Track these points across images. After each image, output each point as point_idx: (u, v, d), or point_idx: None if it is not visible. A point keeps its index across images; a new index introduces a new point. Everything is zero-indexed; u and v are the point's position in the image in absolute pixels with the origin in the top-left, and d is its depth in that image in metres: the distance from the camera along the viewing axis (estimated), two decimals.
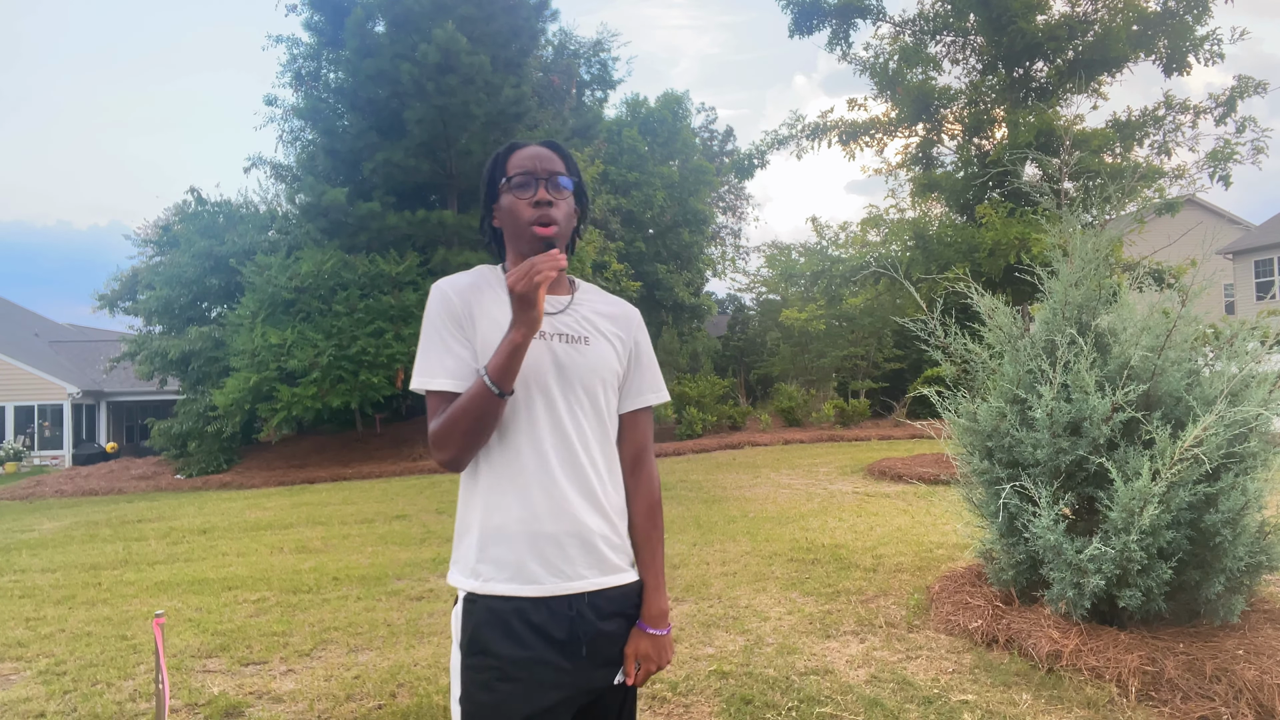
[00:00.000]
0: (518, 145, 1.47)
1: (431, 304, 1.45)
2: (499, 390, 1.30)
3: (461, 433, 1.33)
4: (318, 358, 14.69)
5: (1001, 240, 10.36)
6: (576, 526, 1.39)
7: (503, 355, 1.29)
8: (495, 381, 1.29)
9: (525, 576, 1.37)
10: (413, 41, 15.10)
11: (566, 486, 1.39)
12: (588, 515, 1.41)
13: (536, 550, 1.37)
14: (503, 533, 1.38)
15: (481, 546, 1.39)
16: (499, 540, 1.38)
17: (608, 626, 1.43)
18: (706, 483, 10.37)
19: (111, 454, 22.94)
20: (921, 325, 4.50)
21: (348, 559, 6.49)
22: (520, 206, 1.41)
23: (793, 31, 12.26)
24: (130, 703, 3.44)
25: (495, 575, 1.38)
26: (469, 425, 1.33)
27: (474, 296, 1.45)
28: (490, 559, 1.38)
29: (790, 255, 22.61)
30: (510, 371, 1.30)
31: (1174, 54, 10.82)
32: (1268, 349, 3.64)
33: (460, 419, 1.32)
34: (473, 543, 1.41)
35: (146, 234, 21.32)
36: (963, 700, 3.09)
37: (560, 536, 1.38)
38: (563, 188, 1.44)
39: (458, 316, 1.42)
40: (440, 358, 1.40)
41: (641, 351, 1.56)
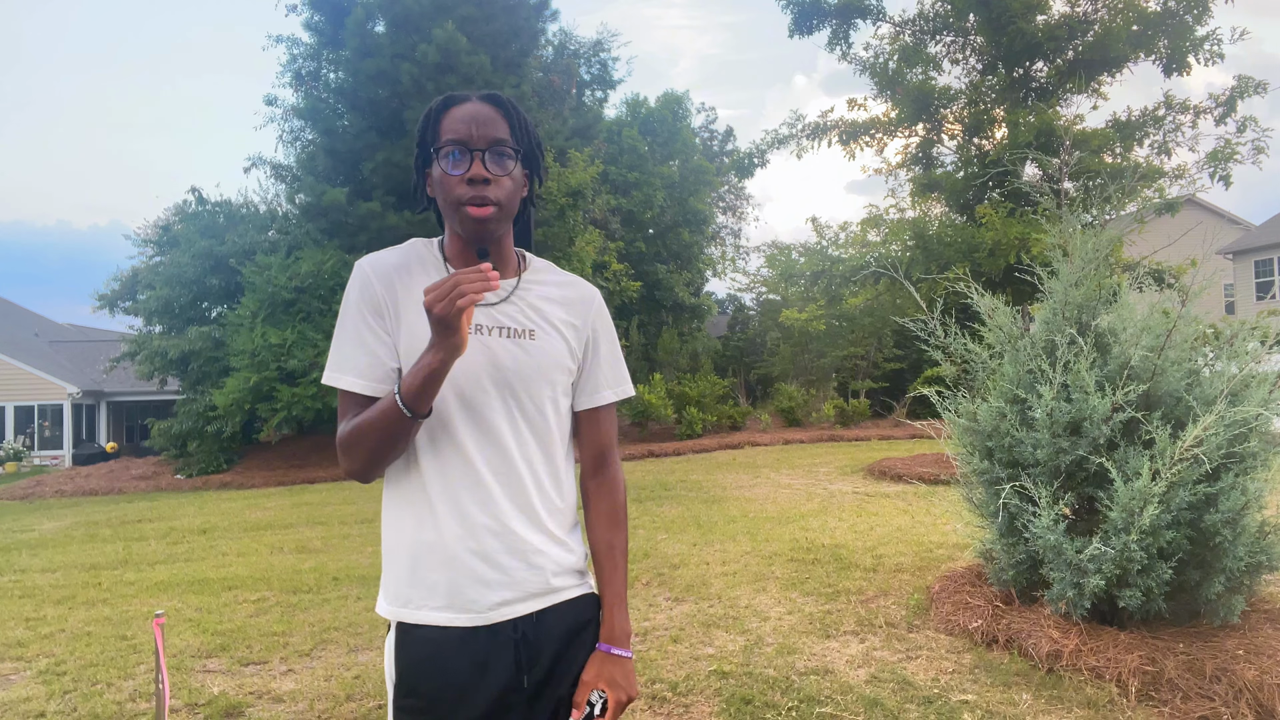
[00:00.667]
0: (454, 100, 1.25)
1: (350, 287, 1.25)
2: (410, 413, 1.13)
3: (367, 449, 1.18)
4: (318, 358, 14.69)
5: (1001, 240, 10.36)
6: (514, 543, 1.24)
7: (418, 378, 1.11)
8: (408, 404, 1.12)
9: (460, 604, 1.21)
10: (413, 41, 15.11)
11: (502, 500, 1.24)
12: (527, 531, 1.25)
13: (471, 571, 1.21)
14: (434, 553, 1.22)
15: (411, 569, 1.23)
16: (429, 562, 1.22)
17: (554, 651, 1.27)
18: (706, 483, 10.37)
19: (111, 454, 22.95)
20: (921, 325, 4.49)
21: (348, 559, 6.49)
22: (452, 184, 1.20)
23: (793, 31, 12.27)
24: (130, 703, 3.44)
25: (427, 601, 1.22)
26: (375, 442, 1.17)
27: (400, 281, 1.25)
28: (421, 583, 1.22)
29: (790, 255, 22.61)
30: (425, 395, 1.12)
31: (1174, 54, 10.82)
32: (1268, 349, 3.64)
33: (367, 433, 1.17)
34: (402, 565, 1.24)
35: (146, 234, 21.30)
36: (963, 700, 3.09)
37: (497, 555, 1.23)
38: (504, 160, 1.22)
39: (378, 305, 1.24)
40: (352, 353, 1.24)
41: (600, 341, 1.38)
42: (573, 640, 1.30)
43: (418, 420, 1.15)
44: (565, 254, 16.68)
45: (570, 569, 1.32)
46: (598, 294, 1.41)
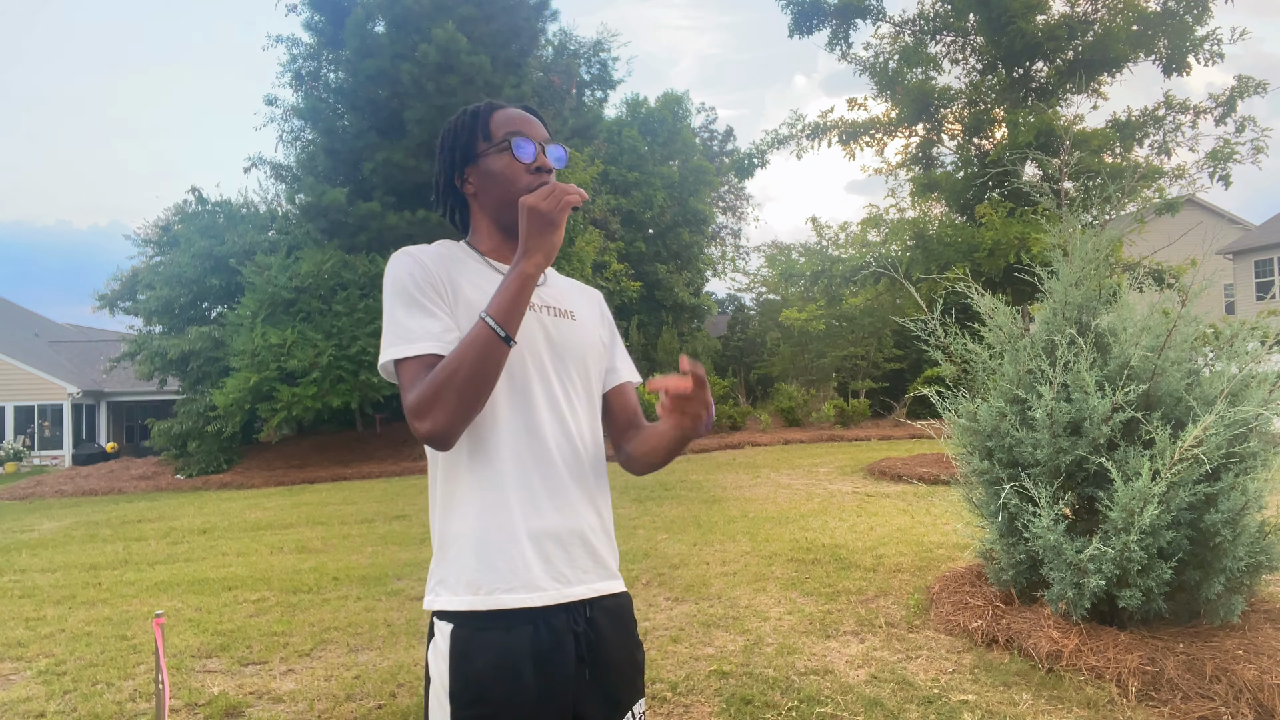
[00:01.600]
0: (498, 105, 1.31)
1: (400, 270, 1.21)
2: (504, 334, 1.09)
3: (458, 388, 1.08)
4: (318, 358, 14.70)
5: (1001, 240, 10.36)
6: (578, 524, 1.24)
7: (510, 291, 1.10)
8: (501, 323, 1.09)
9: (530, 582, 1.18)
10: (413, 41, 15.11)
11: (566, 477, 1.23)
12: (587, 510, 1.26)
13: (541, 551, 1.20)
14: (504, 534, 1.18)
15: (479, 553, 1.18)
16: (498, 543, 1.18)
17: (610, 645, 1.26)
18: (706, 483, 10.37)
19: (111, 454, 22.94)
20: (921, 325, 4.49)
21: (348, 559, 6.49)
22: (517, 172, 1.24)
23: (793, 31, 12.27)
24: (130, 703, 3.44)
25: (497, 584, 1.17)
26: (466, 378, 1.08)
27: (452, 265, 1.26)
28: (489, 566, 1.17)
29: (790, 255, 22.60)
30: (518, 311, 1.10)
31: (1174, 54, 10.83)
32: (1268, 349, 3.64)
33: (456, 372, 1.08)
34: (467, 551, 1.19)
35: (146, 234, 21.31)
36: (963, 700, 3.09)
37: (564, 535, 1.22)
38: (558, 160, 1.29)
39: (435, 282, 1.21)
40: (420, 323, 1.17)
41: (615, 331, 1.46)
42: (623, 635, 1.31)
43: (509, 345, 1.11)
44: (565, 254, 16.69)
45: (615, 556, 1.34)
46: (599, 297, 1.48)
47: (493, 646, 1.15)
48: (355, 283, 15.71)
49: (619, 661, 1.28)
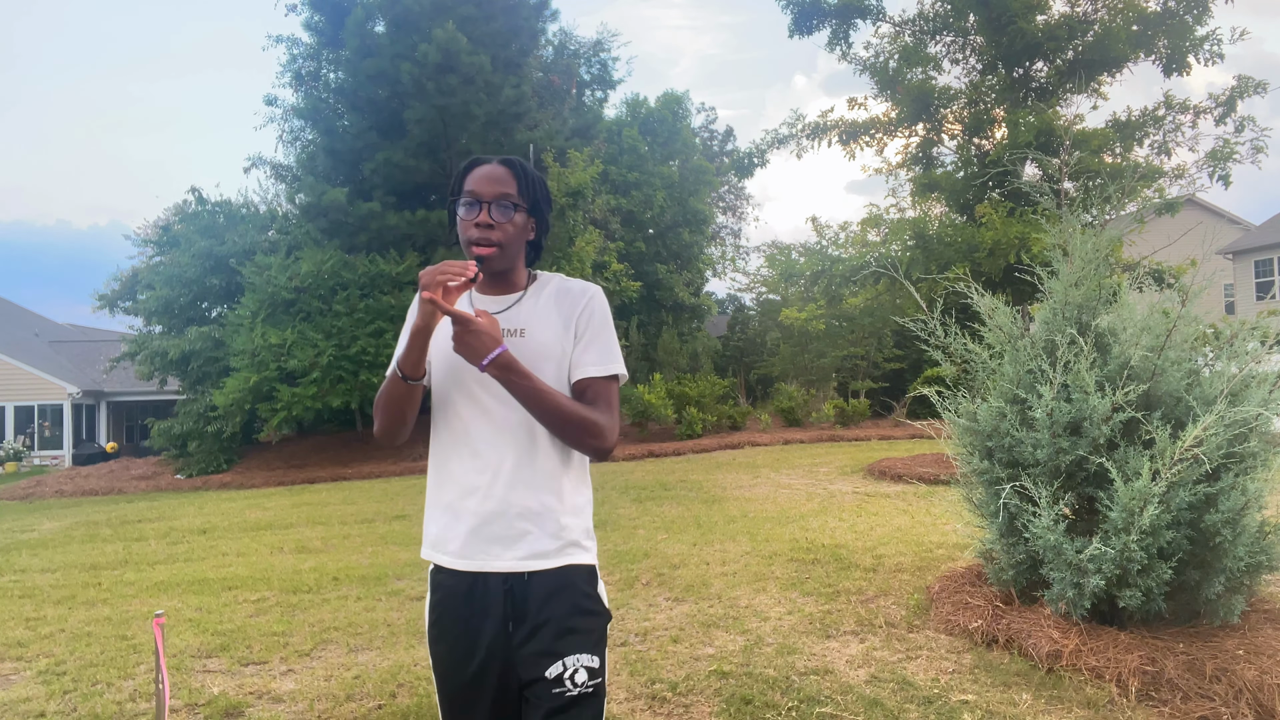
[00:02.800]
0: (476, 163, 1.59)
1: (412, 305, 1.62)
2: (403, 374, 1.48)
3: (380, 410, 1.54)
4: (318, 358, 14.70)
5: (1001, 240, 10.36)
6: (505, 509, 1.50)
7: (404, 342, 1.48)
8: (401, 366, 1.48)
9: (460, 551, 1.52)
10: (413, 41, 15.10)
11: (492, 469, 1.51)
12: (525, 498, 1.51)
13: (470, 527, 1.51)
14: (442, 511, 1.56)
15: (428, 521, 1.59)
16: (436, 518, 1.57)
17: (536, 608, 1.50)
18: (706, 483, 10.37)
19: (111, 454, 22.94)
20: (921, 325, 4.49)
21: (348, 559, 6.49)
22: (465, 227, 1.55)
23: (793, 31, 12.26)
24: (130, 703, 3.44)
25: (439, 548, 1.56)
26: (383, 404, 1.53)
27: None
28: (432, 533, 1.57)
29: (790, 255, 22.58)
30: (411, 358, 1.46)
31: (1174, 54, 10.82)
32: (1268, 349, 3.64)
33: (379, 398, 1.54)
34: (427, 515, 1.60)
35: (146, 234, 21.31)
36: (963, 700, 3.09)
37: (488, 517, 1.50)
38: (506, 210, 1.54)
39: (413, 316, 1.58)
40: (399, 348, 1.56)
41: (587, 327, 1.59)
42: (551, 599, 1.51)
43: (410, 383, 1.48)
44: (565, 254, 16.69)
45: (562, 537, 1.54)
46: (592, 290, 1.63)
47: (446, 589, 1.56)
48: (355, 283, 15.70)
49: (551, 624, 1.49)
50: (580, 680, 1.47)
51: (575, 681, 1.47)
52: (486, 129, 16.28)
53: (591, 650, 1.50)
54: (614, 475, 11.51)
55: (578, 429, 1.48)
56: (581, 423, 1.48)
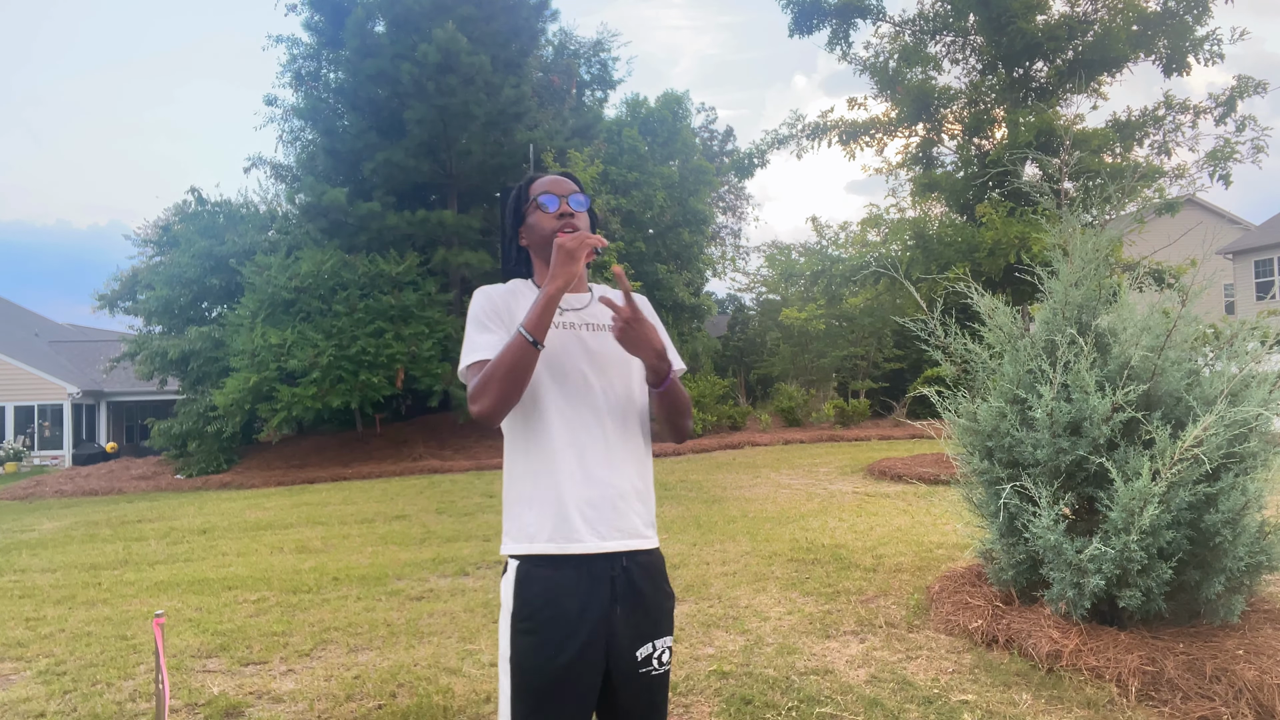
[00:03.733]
0: (537, 176, 1.71)
1: (475, 302, 1.64)
2: (533, 339, 1.44)
3: (498, 380, 1.45)
4: (318, 358, 14.69)
5: (1001, 240, 10.36)
6: (610, 492, 1.55)
7: (537, 307, 1.45)
8: (529, 330, 1.44)
9: (571, 536, 1.51)
10: (413, 41, 15.10)
11: (603, 455, 1.55)
12: (620, 481, 1.56)
13: (578, 511, 1.53)
14: (547, 496, 1.54)
15: (536, 511, 1.55)
16: (533, 505, 1.55)
17: (641, 588, 1.56)
18: (706, 483, 10.37)
19: (111, 454, 22.94)
20: (921, 325, 4.49)
21: (348, 559, 6.49)
22: (545, 220, 1.63)
23: (793, 31, 12.26)
24: (130, 703, 3.44)
25: (548, 536, 1.52)
26: (504, 373, 1.45)
27: (513, 299, 1.64)
28: (541, 521, 1.54)
29: (790, 255, 22.59)
30: (543, 322, 1.45)
31: (1174, 54, 10.82)
32: (1268, 349, 3.64)
33: (496, 368, 1.45)
34: (528, 509, 1.56)
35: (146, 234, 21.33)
36: (963, 700, 3.09)
37: (595, 500, 1.54)
38: (581, 203, 1.67)
39: (499, 310, 1.61)
40: (482, 337, 1.57)
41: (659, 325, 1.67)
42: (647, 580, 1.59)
43: (537, 348, 1.45)
44: None
45: (648, 521, 1.62)
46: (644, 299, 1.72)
47: (544, 579, 1.51)
48: (355, 283, 15.70)
49: (647, 604, 1.57)
50: (665, 660, 1.59)
51: (662, 661, 1.58)
52: (486, 129, 16.28)
53: (671, 630, 1.63)
54: None
55: (686, 410, 1.62)
56: (688, 405, 1.63)
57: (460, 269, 17.24)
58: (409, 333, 15.56)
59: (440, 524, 8.16)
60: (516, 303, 1.64)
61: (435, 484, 12.30)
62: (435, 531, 7.70)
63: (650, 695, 1.57)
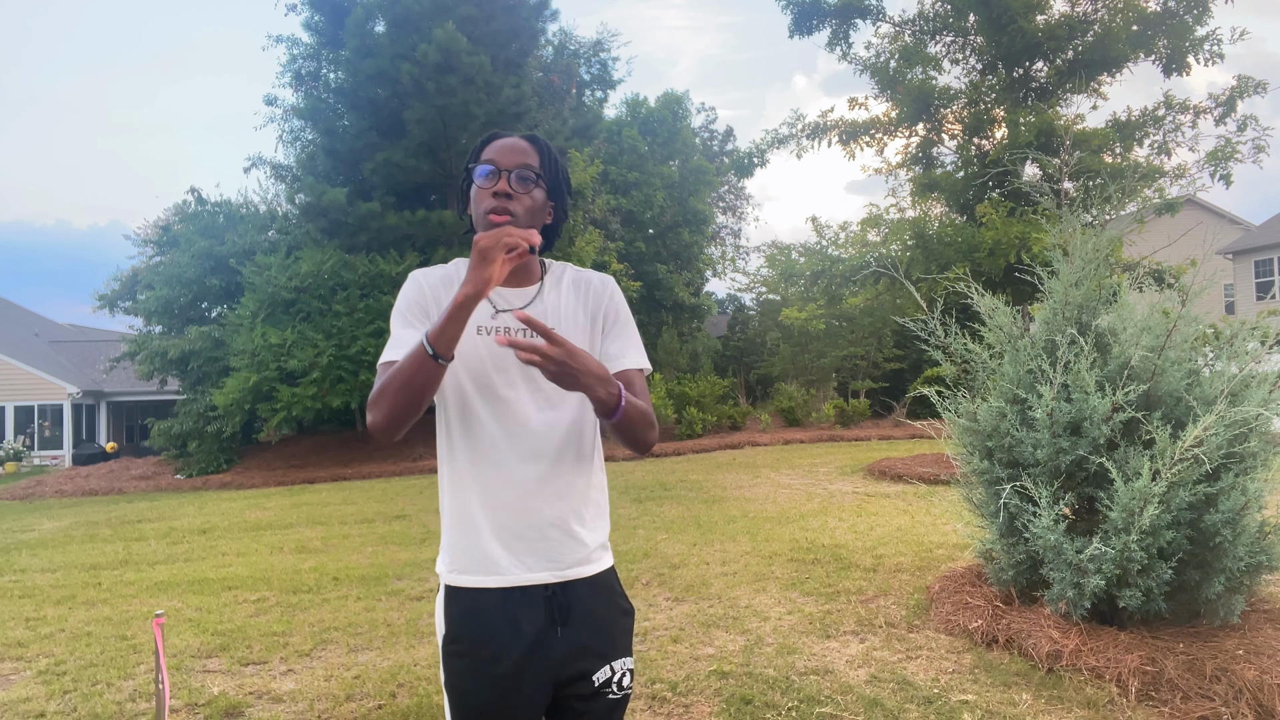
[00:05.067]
0: (496, 136, 1.45)
1: (405, 291, 1.45)
2: (434, 352, 1.20)
3: (392, 393, 1.25)
4: (318, 358, 14.69)
5: (1001, 240, 10.36)
6: (537, 519, 1.39)
7: (444, 314, 1.20)
8: (431, 342, 1.20)
9: (489, 568, 1.38)
10: (413, 41, 15.10)
11: (526, 479, 1.38)
12: (553, 503, 1.40)
13: (501, 542, 1.38)
14: (470, 524, 1.40)
15: (451, 539, 1.43)
16: (466, 531, 1.40)
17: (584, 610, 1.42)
18: (706, 483, 10.37)
19: (111, 454, 22.93)
20: (921, 325, 4.49)
21: (348, 559, 6.49)
22: (481, 196, 1.39)
23: (793, 31, 12.26)
24: (130, 703, 3.44)
25: (467, 568, 1.40)
26: (398, 387, 1.24)
27: (444, 289, 1.44)
28: (460, 550, 1.41)
29: (790, 255, 22.58)
30: (449, 333, 1.20)
31: (1174, 54, 10.82)
32: (1268, 349, 3.64)
33: (392, 380, 1.25)
34: (445, 533, 1.45)
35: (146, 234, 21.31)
36: (963, 700, 3.09)
37: (520, 530, 1.39)
38: (526, 181, 1.39)
39: (425, 304, 1.42)
40: (401, 333, 1.38)
41: (615, 317, 1.49)
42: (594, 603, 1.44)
43: (439, 363, 1.22)
44: (565, 254, 16.69)
45: (595, 546, 1.47)
46: (610, 281, 1.54)
47: (469, 600, 1.40)
48: (355, 283, 15.70)
49: (598, 621, 1.44)
50: (626, 684, 1.47)
51: (622, 685, 1.46)
52: (486, 129, 16.25)
53: (629, 651, 1.50)
54: (614, 475, 11.50)
55: (645, 426, 1.37)
56: (647, 419, 1.37)
57: None
58: None
59: (440, 524, 8.16)
60: (448, 293, 1.42)
61: (435, 484, 12.22)
62: (435, 531, 7.70)
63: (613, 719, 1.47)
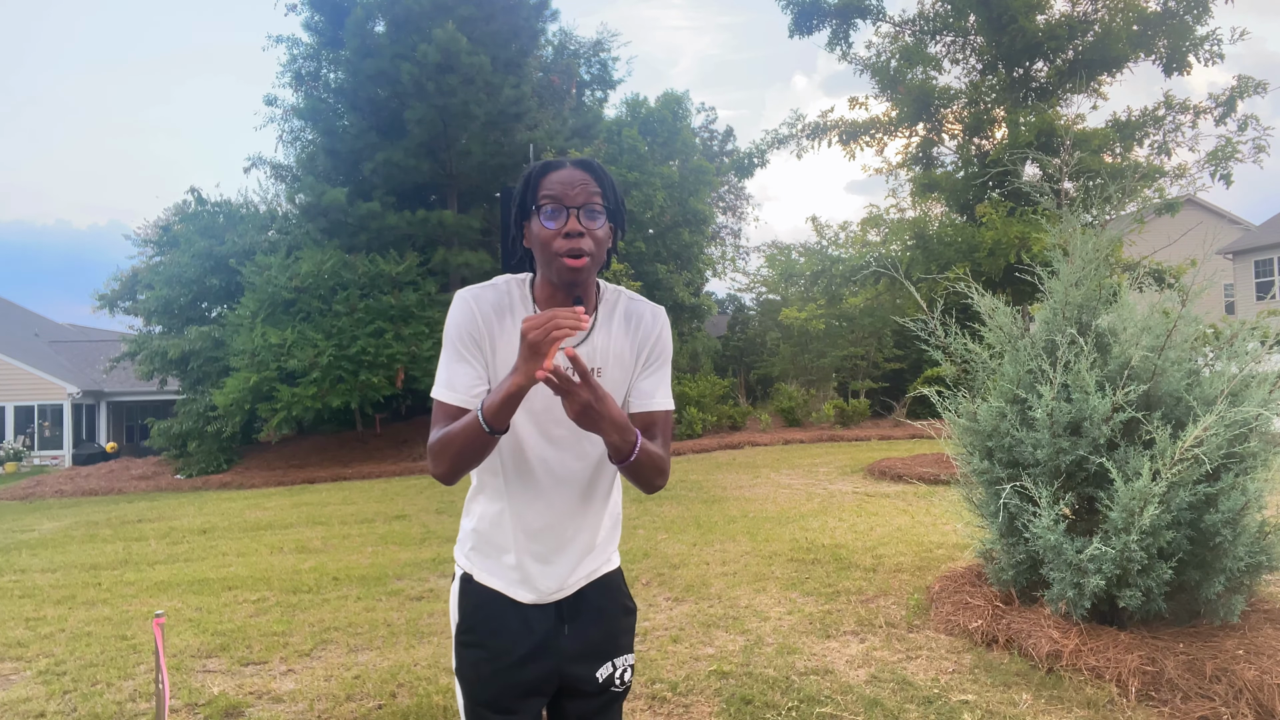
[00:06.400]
0: (552, 166, 1.40)
1: (455, 315, 1.43)
2: (490, 429, 1.28)
3: (451, 456, 1.34)
4: (318, 358, 14.69)
5: (1001, 240, 10.36)
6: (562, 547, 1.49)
7: (499, 396, 1.25)
8: (488, 420, 1.27)
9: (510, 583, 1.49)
10: (413, 41, 15.10)
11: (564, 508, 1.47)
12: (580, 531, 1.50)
13: (528, 566, 1.47)
14: (498, 547, 1.49)
15: (480, 548, 1.51)
16: (494, 552, 1.50)
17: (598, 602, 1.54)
18: (706, 483, 10.37)
19: (111, 454, 22.93)
20: (921, 325, 4.49)
21: (348, 559, 6.49)
22: (549, 237, 1.35)
23: (793, 31, 12.26)
24: (130, 703, 3.44)
25: (492, 572, 1.50)
26: (458, 451, 1.33)
27: (497, 320, 1.43)
28: (487, 560, 1.50)
29: (790, 255, 22.60)
30: (504, 413, 1.27)
31: (1174, 54, 10.82)
32: (1268, 349, 3.64)
33: (451, 443, 1.33)
34: (476, 540, 1.52)
35: (146, 234, 21.32)
36: (963, 700, 3.09)
37: (550, 555, 1.48)
38: (595, 216, 1.37)
39: (478, 337, 1.42)
40: (452, 370, 1.41)
41: (658, 357, 1.53)
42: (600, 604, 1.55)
43: (495, 436, 1.30)
44: None
45: (609, 554, 1.58)
46: (663, 318, 1.56)
47: (484, 595, 1.50)
48: (355, 283, 15.70)
49: (604, 620, 1.54)
50: (627, 679, 1.55)
51: (624, 680, 1.55)
52: (486, 129, 16.28)
53: (631, 647, 1.59)
54: None
55: (654, 473, 1.43)
56: (658, 467, 1.43)
57: (460, 269, 17.24)
58: (409, 333, 15.56)
59: (440, 524, 8.16)
60: (501, 328, 1.42)
61: (435, 484, 12.29)
62: (435, 531, 7.70)
63: (608, 715, 1.55)
